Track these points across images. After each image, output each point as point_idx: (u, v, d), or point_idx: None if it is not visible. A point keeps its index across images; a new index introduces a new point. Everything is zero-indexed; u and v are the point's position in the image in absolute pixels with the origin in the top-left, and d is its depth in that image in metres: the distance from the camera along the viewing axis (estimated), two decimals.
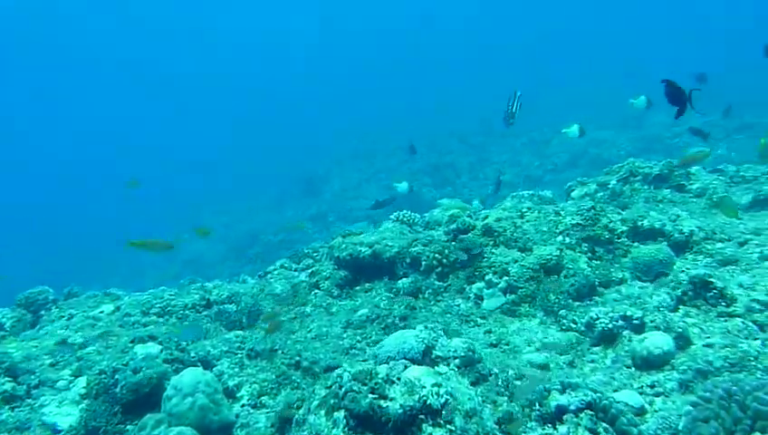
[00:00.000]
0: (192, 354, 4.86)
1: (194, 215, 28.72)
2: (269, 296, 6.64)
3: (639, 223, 5.79)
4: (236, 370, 4.87)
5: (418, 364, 3.48)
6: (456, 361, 3.71)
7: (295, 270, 7.56)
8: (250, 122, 52.43)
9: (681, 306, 4.64)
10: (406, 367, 3.36)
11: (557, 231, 5.94)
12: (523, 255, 5.78)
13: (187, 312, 6.13)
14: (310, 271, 6.82)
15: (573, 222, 5.93)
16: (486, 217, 6.31)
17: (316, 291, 6.48)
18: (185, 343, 4.96)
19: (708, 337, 4.20)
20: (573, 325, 4.98)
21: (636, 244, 5.72)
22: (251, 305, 6.31)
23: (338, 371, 3.33)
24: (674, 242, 5.58)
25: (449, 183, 21.40)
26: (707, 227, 5.61)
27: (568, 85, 34.28)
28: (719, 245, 5.42)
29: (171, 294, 6.40)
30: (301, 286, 6.62)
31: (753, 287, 4.67)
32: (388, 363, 3.39)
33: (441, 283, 5.98)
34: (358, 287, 6.49)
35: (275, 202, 26.77)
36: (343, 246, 6.64)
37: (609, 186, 7.97)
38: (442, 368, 3.49)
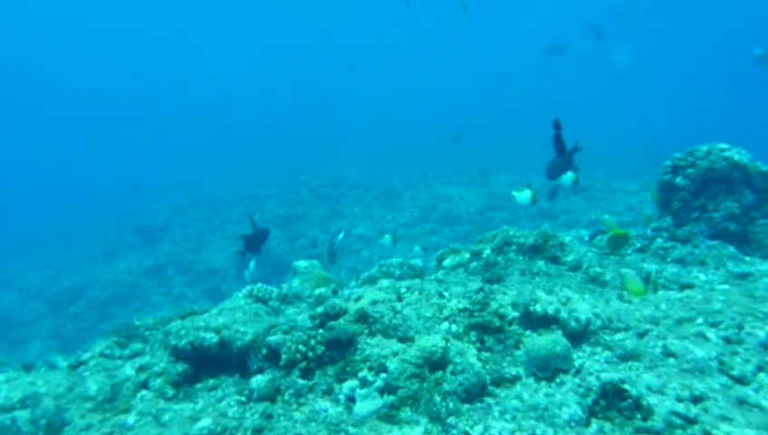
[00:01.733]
0: None
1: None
2: (79, 398, 5.14)
3: (532, 308, 5.13)
4: None
5: None
6: None
7: (119, 358, 6.07)
8: (80, 157, 48.35)
9: (593, 419, 3.96)
10: None
11: (441, 317, 5.11)
12: (404, 346, 4.87)
13: None
14: (138, 365, 5.41)
15: (460, 306, 5.15)
16: (360, 299, 5.35)
17: (144, 392, 5.09)
18: None
19: None
20: None
21: (528, 332, 5.05)
22: (52, 414, 4.79)
23: None
24: (570, 332, 4.97)
25: (301, 235, 20.37)
26: (603, 314, 5.07)
27: (421, 140, 34.92)
28: (618, 336, 4.88)
29: None
30: (124, 385, 5.19)
31: (662, 391, 4.12)
32: None
33: (305, 381, 4.87)
34: (199, 385, 5.20)
35: (106, 252, 24.02)
36: (183, 331, 5.34)
37: (483, 255, 7.39)
38: None
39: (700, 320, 4.76)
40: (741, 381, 4.19)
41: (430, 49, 56.05)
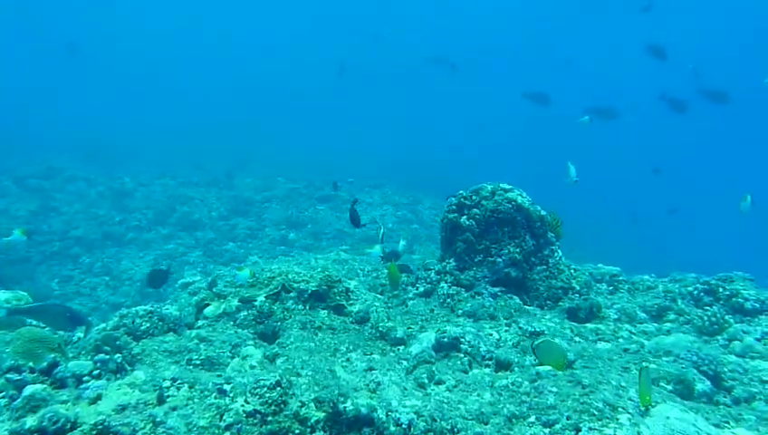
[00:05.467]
0: None
1: None
2: None
3: (342, 405, 3.96)
4: None
5: None
6: None
7: None
8: None
9: None
10: None
11: (222, 426, 3.67)
12: None
13: None
14: None
15: (248, 408, 3.76)
16: (99, 400, 3.65)
17: None
18: None
19: None
20: None
21: None
22: None
23: None
24: None
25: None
26: (426, 411, 4.10)
27: (160, 133, 31.55)
28: None
29: None
30: None
31: None
32: None
33: None
34: None
35: None
36: None
37: (256, 303, 6.07)
38: None
39: (533, 418, 4.07)
40: None
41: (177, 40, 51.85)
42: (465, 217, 7.29)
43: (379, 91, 49.70)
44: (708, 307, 7.12)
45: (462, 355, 5.30)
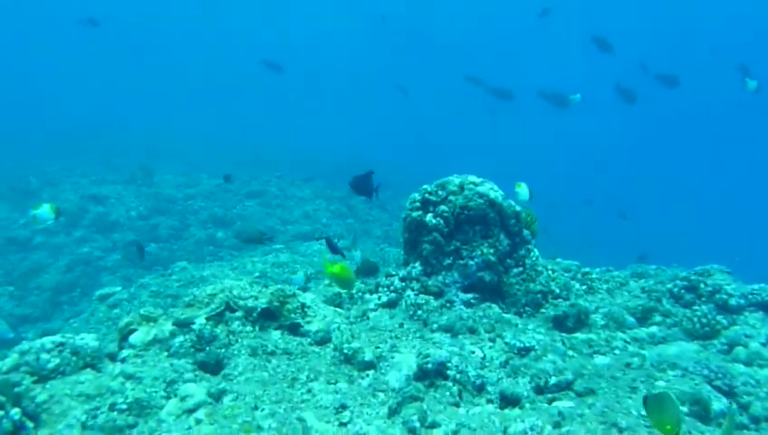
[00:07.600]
0: None
1: None
2: None
3: None
4: None
5: None
6: None
7: None
8: None
9: None
10: None
11: None
12: None
13: None
14: None
15: None
16: None
17: None
18: None
19: None
20: None
21: None
22: None
23: None
24: None
25: None
26: None
27: (68, 127, 29.03)
28: None
29: None
30: None
31: None
32: None
33: None
34: None
35: None
36: None
37: (195, 326, 4.99)
38: None
39: None
40: None
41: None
42: (430, 214, 6.42)
43: (311, 86, 48.56)
44: (694, 306, 6.57)
45: (450, 383, 4.44)
